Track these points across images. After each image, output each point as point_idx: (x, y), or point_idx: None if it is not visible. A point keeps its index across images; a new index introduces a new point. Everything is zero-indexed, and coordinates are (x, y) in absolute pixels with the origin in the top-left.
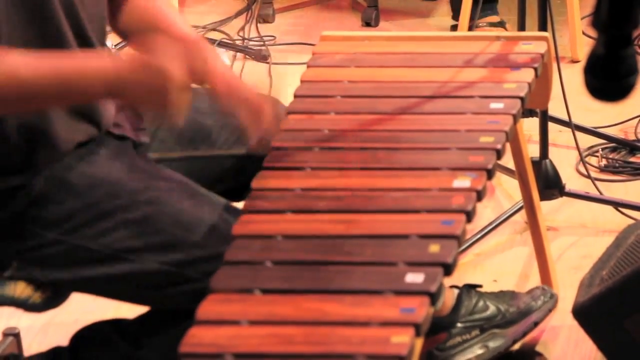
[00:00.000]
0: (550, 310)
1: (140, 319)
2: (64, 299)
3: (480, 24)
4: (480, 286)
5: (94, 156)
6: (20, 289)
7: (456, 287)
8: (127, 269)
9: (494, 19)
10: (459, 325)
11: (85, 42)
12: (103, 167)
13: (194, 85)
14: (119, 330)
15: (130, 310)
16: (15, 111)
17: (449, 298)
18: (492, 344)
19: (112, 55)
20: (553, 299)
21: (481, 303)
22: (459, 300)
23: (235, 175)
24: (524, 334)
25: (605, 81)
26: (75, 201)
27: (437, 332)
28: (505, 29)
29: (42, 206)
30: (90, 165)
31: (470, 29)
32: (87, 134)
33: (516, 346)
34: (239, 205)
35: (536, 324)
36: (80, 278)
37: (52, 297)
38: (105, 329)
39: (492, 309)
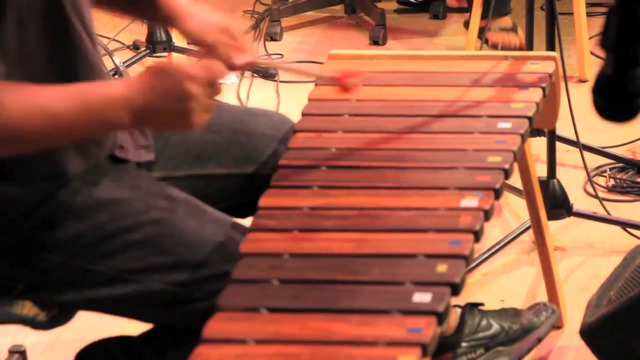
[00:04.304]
0: (552, 326)
1: (146, 335)
2: (71, 317)
3: (491, 28)
4: (482, 304)
5: (97, 178)
6: (28, 308)
7: (458, 306)
8: (132, 289)
9: (507, 22)
10: (463, 344)
11: (89, 34)
12: (106, 189)
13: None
14: (124, 347)
15: (137, 327)
16: (39, 144)
17: (452, 317)
18: None
19: (127, 79)
20: (555, 314)
21: (484, 321)
22: (462, 319)
23: (241, 193)
24: (529, 351)
25: (614, 101)
26: (80, 224)
27: (443, 352)
28: (517, 34)
29: (47, 230)
30: (94, 188)
31: (482, 31)
32: (92, 159)
33: None
34: (245, 222)
35: (539, 340)
36: (87, 299)
37: (58, 315)
38: (109, 346)
39: (495, 327)
